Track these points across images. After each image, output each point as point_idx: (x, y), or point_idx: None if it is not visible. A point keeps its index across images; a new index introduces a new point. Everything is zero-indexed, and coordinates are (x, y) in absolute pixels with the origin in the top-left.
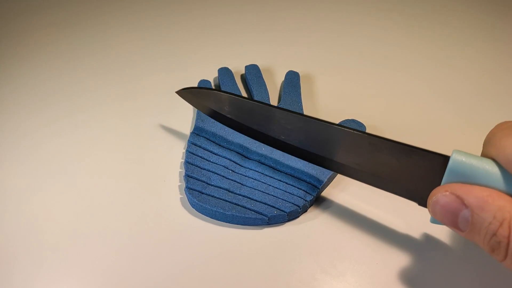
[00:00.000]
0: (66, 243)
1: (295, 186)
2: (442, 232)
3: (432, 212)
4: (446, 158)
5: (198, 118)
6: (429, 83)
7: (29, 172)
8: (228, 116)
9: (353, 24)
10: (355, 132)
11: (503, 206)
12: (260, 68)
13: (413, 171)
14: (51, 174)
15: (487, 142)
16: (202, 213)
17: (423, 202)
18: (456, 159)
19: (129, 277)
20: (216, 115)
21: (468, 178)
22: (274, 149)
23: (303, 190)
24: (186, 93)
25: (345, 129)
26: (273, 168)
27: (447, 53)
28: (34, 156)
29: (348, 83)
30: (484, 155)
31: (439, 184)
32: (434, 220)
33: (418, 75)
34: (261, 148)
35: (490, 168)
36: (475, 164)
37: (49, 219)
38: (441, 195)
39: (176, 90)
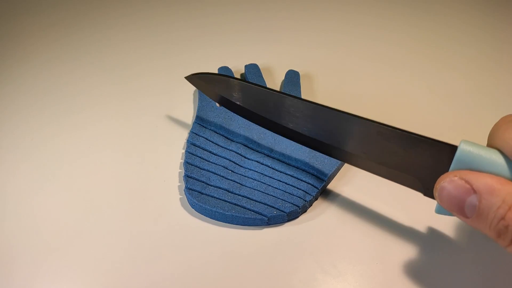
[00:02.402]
0: (65, 244)
1: (294, 187)
2: (442, 233)
3: (439, 198)
4: (453, 148)
5: (197, 118)
6: (429, 83)
7: (29, 172)
8: (237, 102)
9: (354, 24)
10: (363, 120)
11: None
12: (260, 68)
13: (420, 160)
14: (50, 174)
15: (492, 135)
16: (202, 214)
17: (428, 193)
18: (463, 148)
19: (129, 278)
20: (225, 102)
21: (475, 168)
22: (274, 150)
23: (303, 191)
24: (195, 79)
25: (354, 117)
26: (273, 169)
27: (447, 53)
28: (34, 156)
29: (348, 82)
30: (490, 146)
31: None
32: (439, 210)
33: (418, 75)
34: (260, 148)
35: (497, 158)
36: (483, 154)
37: (48, 220)
38: (449, 179)
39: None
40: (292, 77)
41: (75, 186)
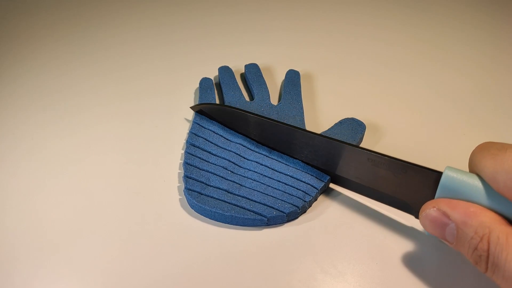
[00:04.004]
0: (66, 244)
1: (294, 187)
2: None
3: (423, 225)
4: (439, 174)
5: (197, 119)
6: (429, 83)
7: (29, 173)
8: (246, 134)
9: (354, 24)
10: (355, 148)
11: (484, 222)
12: (260, 67)
13: (409, 185)
14: (51, 175)
15: (470, 163)
16: (201, 214)
17: (418, 215)
18: (447, 175)
19: (129, 278)
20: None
21: (458, 193)
22: (273, 150)
23: (302, 191)
24: (200, 109)
25: (345, 144)
26: (272, 169)
27: (447, 53)
28: (34, 157)
29: (348, 82)
30: (471, 172)
31: (432, 198)
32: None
33: (418, 75)
34: (260, 149)
35: (477, 184)
36: (465, 180)
37: (48, 219)
38: (429, 210)
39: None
40: (292, 77)
41: (75, 186)
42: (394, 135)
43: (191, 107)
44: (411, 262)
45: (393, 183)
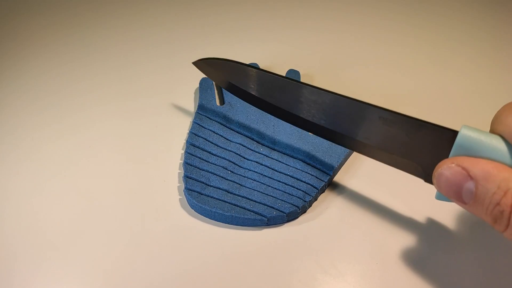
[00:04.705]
0: (66, 244)
1: (294, 187)
2: (442, 233)
3: (437, 184)
4: (454, 133)
5: (197, 119)
6: (429, 83)
7: (29, 173)
8: (248, 90)
9: (354, 24)
10: (365, 104)
11: (508, 177)
12: (261, 67)
13: (421, 145)
14: (51, 175)
15: (495, 120)
16: (201, 214)
17: (429, 179)
18: (464, 134)
19: (129, 278)
20: (235, 89)
21: (475, 153)
22: (273, 150)
23: (302, 191)
24: (203, 65)
25: (356, 101)
26: (272, 169)
27: (448, 53)
28: (34, 157)
29: (348, 82)
30: (492, 132)
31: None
32: (439, 196)
33: (418, 75)
34: (260, 149)
35: (497, 143)
36: (483, 139)
37: (48, 220)
38: (446, 166)
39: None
40: (292, 76)
41: (74, 186)
42: None
43: (193, 63)
44: (411, 262)
45: (404, 143)
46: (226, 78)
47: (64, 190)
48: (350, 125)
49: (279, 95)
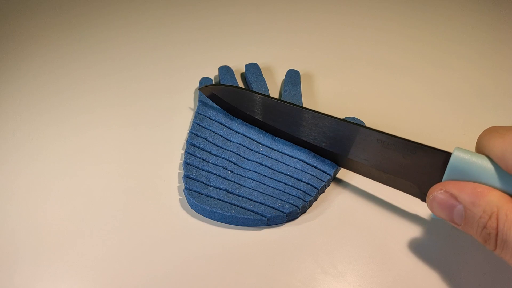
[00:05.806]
0: (66, 243)
1: (294, 187)
2: (442, 233)
3: (430, 208)
4: (448, 155)
5: (196, 119)
6: (429, 83)
7: (29, 173)
8: (253, 115)
9: (354, 24)
10: (364, 128)
11: (492, 201)
12: (261, 67)
13: (417, 167)
14: (51, 175)
15: (478, 144)
16: (201, 214)
17: (425, 198)
18: (456, 156)
19: (129, 278)
20: (239, 114)
21: (466, 174)
22: (273, 150)
23: (302, 191)
24: (208, 90)
25: (355, 125)
26: (272, 169)
27: (447, 54)
28: (34, 157)
29: (348, 82)
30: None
31: (441, 179)
32: (435, 215)
33: (418, 75)
34: (260, 149)
35: (486, 164)
36: (474, 161)
37: (49, 219)
38: (436, 193)
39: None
40: (293, 76)
41: (75, 186)
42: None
43: (199, 89)
44: (411, 262)
45: (401, 164)
46: (232, 104)
47: (65, 190)
48: (350, 147)
49: (282, 119)
